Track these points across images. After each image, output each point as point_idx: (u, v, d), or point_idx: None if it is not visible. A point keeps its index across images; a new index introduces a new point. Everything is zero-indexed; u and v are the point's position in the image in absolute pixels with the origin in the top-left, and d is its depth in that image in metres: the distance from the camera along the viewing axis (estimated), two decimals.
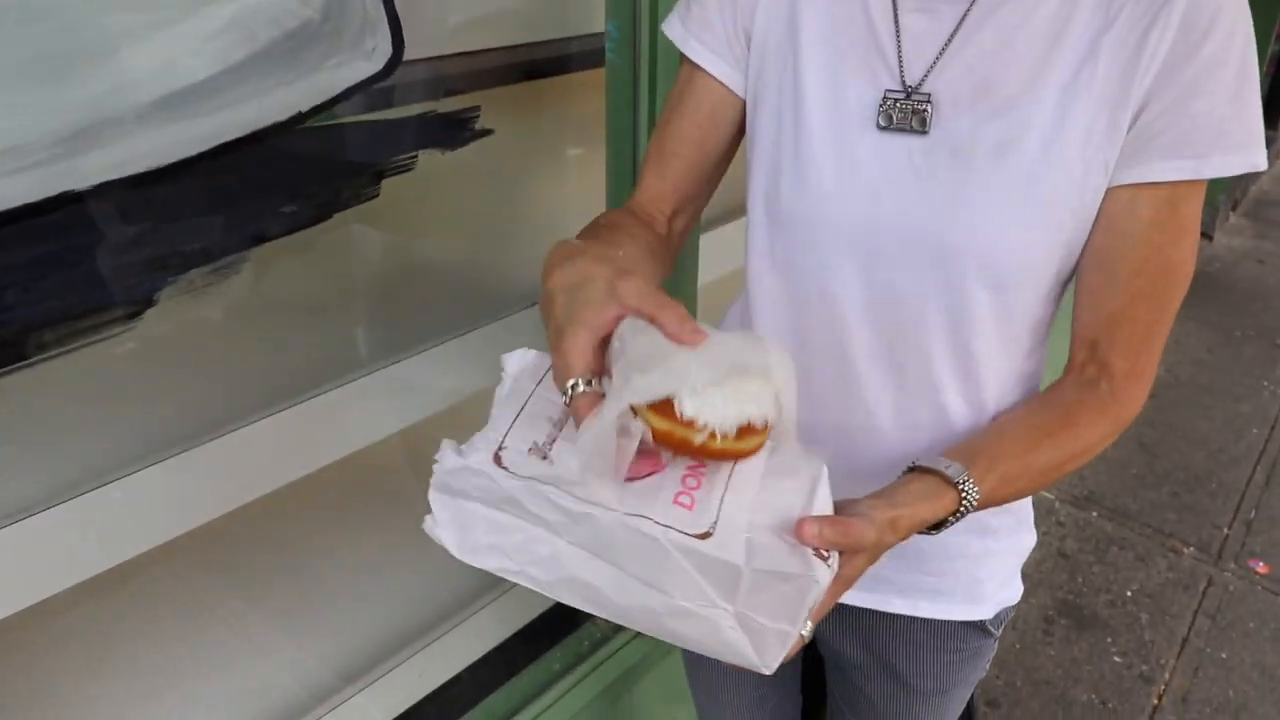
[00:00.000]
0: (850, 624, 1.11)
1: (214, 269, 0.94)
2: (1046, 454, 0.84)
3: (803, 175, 0.90)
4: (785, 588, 0.62)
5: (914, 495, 0.77)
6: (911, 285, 0.87)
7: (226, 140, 0.89)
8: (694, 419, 0.60)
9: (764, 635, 0.64)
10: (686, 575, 0.62)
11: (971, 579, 1.03)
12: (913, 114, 0.85)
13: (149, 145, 0.84)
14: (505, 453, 0.64)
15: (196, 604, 1.16)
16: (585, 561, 0.63)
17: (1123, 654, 2.46)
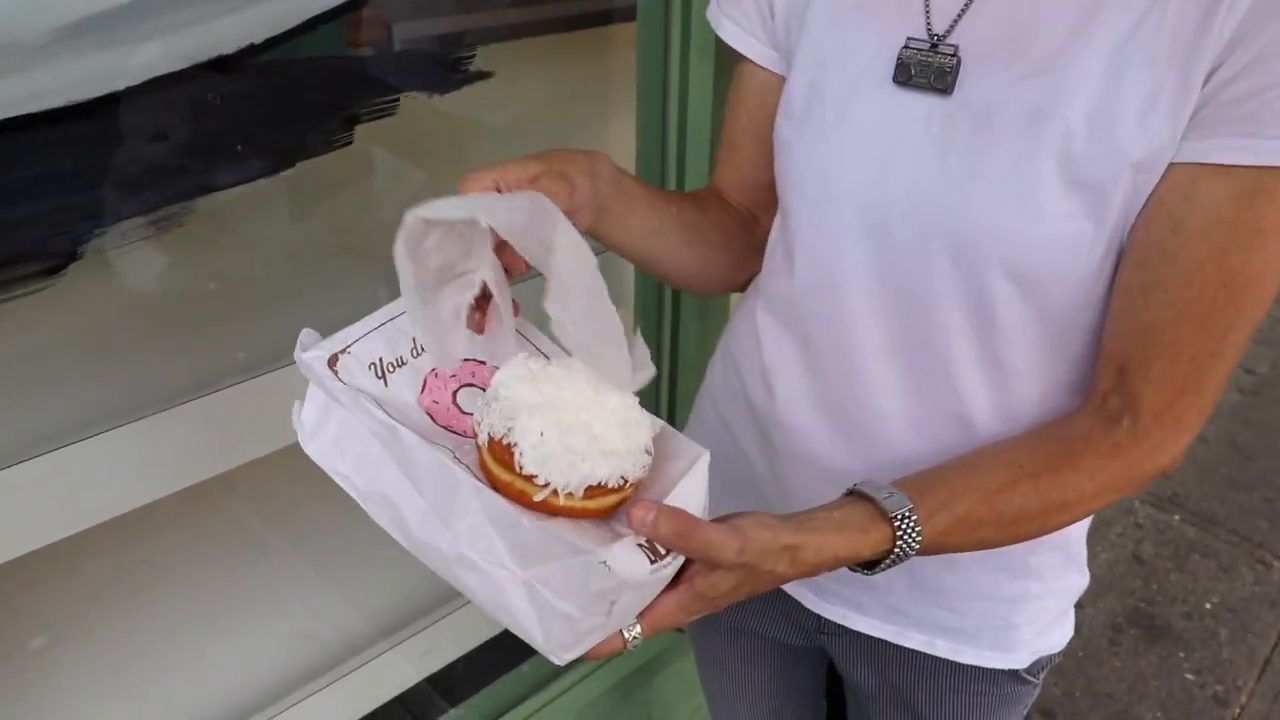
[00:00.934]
0: (863, 650, 0.98)
1: (151, 221, 0.83)
2: (1022, 498, 0.69)
3: (810, 142, 0.78)
4: (573, 563, 0.55)
5: (831, 524, 0.65)
6: (926, 275, 0.74)
7: (161, 74, 0.77)
8: (533, 474, 0.56)
9: (550, 615, 0.56)
10: (476, 519, 0.56)
11: (1002, 623, 0.89)
12: (935, 70, 0.71)
13: (62, 77, 0.73)
14: (346, 358, 0.62)
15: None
16: (395, 478, 0.59)
17: (1196, 671, 2.28)
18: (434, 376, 0.65)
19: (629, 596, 0.57)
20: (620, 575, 0.55)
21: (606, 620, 0.57)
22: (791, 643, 1.05)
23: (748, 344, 0.90)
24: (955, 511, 0.67)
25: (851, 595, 0.92)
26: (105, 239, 0.82)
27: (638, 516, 0.57)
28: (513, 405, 0.57)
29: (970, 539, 0.70)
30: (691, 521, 0.58)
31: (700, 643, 1.17)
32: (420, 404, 0.64)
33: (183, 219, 0.86)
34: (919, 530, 0.66)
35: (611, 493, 0.58)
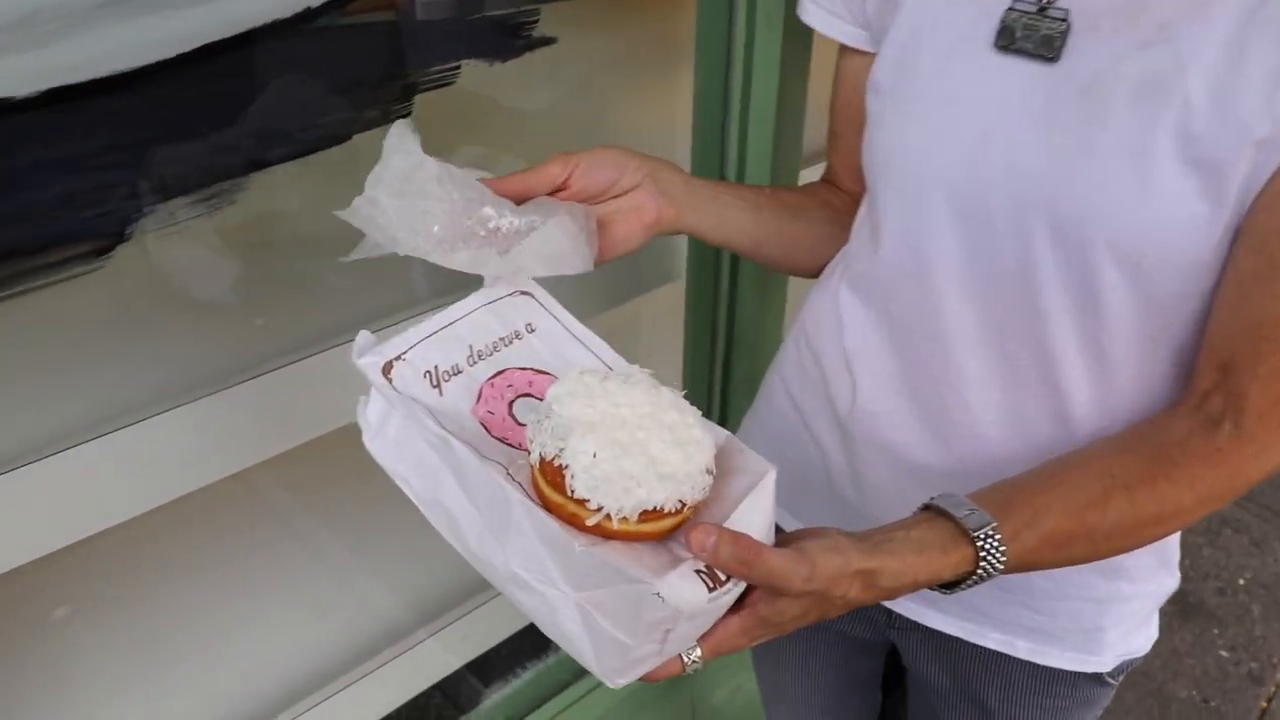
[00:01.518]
0: (935, 648, 0.94)
1: (201, 199, 0.78)
2: (1116, 513, 0.64)
3: (900, 111, 0.73)
4: (626, 591, 0.52)
5: (910, 545, 0.60)
6: (1024, 258, 0.69)
7: (213, 40, 0.72)
8: (585, 498, 0.53)
9: (603, 640, 0.54)
10: (528, 540, 0.55)
11: (1090, 624, 0.84)
12: (1042, 36, 0.66)
13: (109, 44, 0.67)
14: (401, 365, 0.61)
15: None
16: (453, 490, 0.58)
17: (1230, 648, 2.25)
18: (490, 386, 0.63)
19: (685, 626, 0.55)
20: (675, 606, 0.52)
21: (661, 648, 0.55)
22: (858, 635, 1.01)
23: (827, 325, 0.85)
24: (1042, 529, 0.63)
25: (926, 591, 0.88)
26: (153, 218, 0.77)
27: (697, 541, 0.53)
28: (566, 424, 0.54)
29: (1058, 556, 0.65)
30: (755, 548, 0.54)
31: None
32: (475, 414, 0.61)
33: (234, 196, 0.80)
34: (1003, 550, 0.61)
35: (668, 516, 0.55)
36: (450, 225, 0.63)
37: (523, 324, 0.66)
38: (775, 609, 0.58)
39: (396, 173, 0.63)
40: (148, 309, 0.84)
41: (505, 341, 0.65)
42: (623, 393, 0.56)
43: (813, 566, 0.56)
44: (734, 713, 1.63)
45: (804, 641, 1.07)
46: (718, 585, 0.54)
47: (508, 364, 0.64)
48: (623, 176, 0.76)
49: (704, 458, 0.55)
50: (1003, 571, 0.62)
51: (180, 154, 0.75)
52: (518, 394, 0.63)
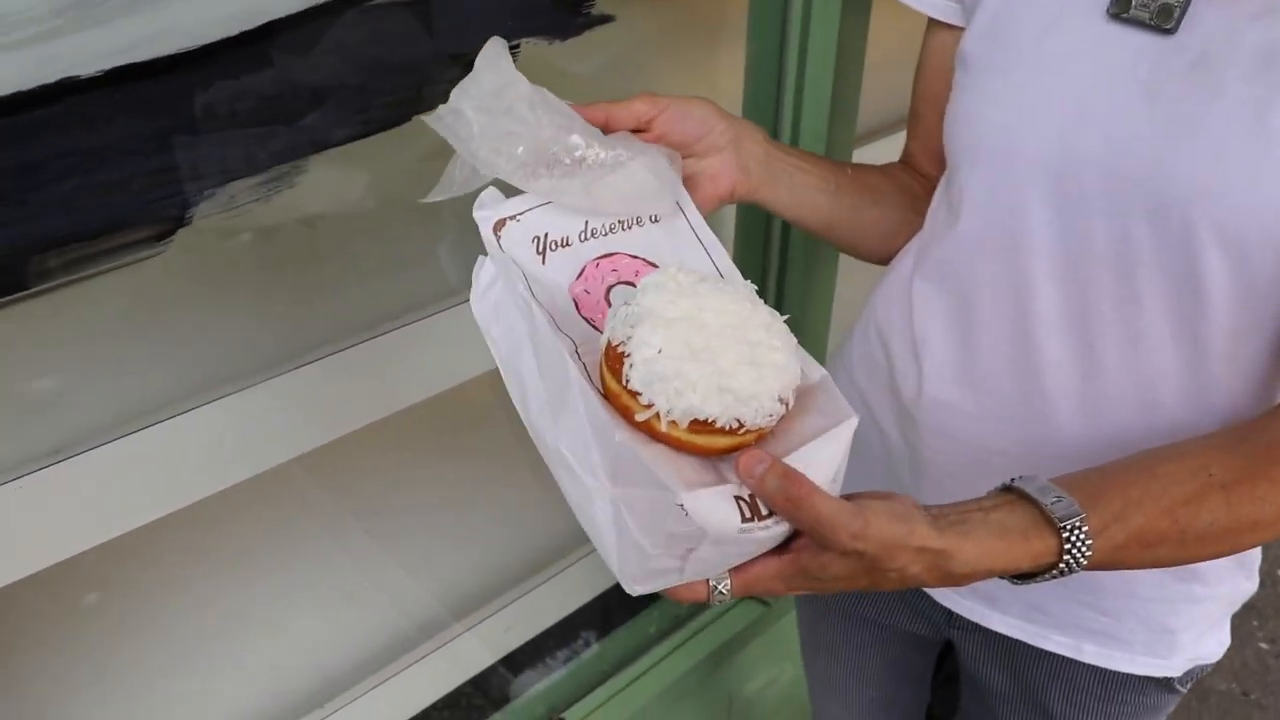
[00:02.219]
0: (996, 649, 0.93)
1: (262, 181, 0.77)
2: (1210, 513, 0.61)
3: (991, 80, 0.71)
4: (654, 496, 0.51)
5: (989, 528, 0.57)
6: (1118, 239, 0.67)
7: (274, 19, 0.70)
8: (638, 391, 0.52)
9: (627, 541, 0.53)
10: (578, 421, 0.53)
11: (1160, 627, 0.82)
12: (1160, 5, 0.64)
13: (172, 22, 0.66)
14: (513, 224, 0.60)
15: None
16: (528, 356, 0.58)
17: (1270, 640, 2.24)
18: (594, 266, 0.62)
19: (710, 549, 0.52)
20: (699, 523, 0.50)
21: (681, 565, 0.53)
22: (916, 631, 1.00)
23: (897, 313, 0.84)
24: (1131, 525, 0.59)
25: (987, 588, 0.86)
26: (213, 202, 0.76)
27: (745, 466, 0.52)
28: (641, 313, 0.53)
29: (1144, 557, 0.62)
30: (805, 486, 0.51)
31: (810, 626, 1.12)
32: (571, 290, 0.60)
33: (294, 179, 0.80)
34: (1089, 544, 0.58)
35: (722, 434, 0.52)
36: (535, 149, 0.61)
37: (651, 214, 0.64)
38: (819, 562, 0.55)
39: (486, 88, 0.61)
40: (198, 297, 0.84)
41: (624, 225, 0.63)
42: (713, 298, 0.53)
43: (865, 524, 0.53)
44: (770, 704, 1.63)
45: (859, 633, 1.05)
46: (756, 518, 0.52)
47: (620, 248, 0.63)
48: (708, 135, 0.72)
49: (778, 383, 0.53)
50: (1085, 568, 0.59)
51: (239, 135, 0.74)
52: (620, 280, 0.62)
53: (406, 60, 0.83)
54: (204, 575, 1.03)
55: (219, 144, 0.73)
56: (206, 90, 0.71)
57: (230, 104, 0.72)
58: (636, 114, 0.69)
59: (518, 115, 0.61)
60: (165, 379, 0.84)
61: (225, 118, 0.72)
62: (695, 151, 0.72)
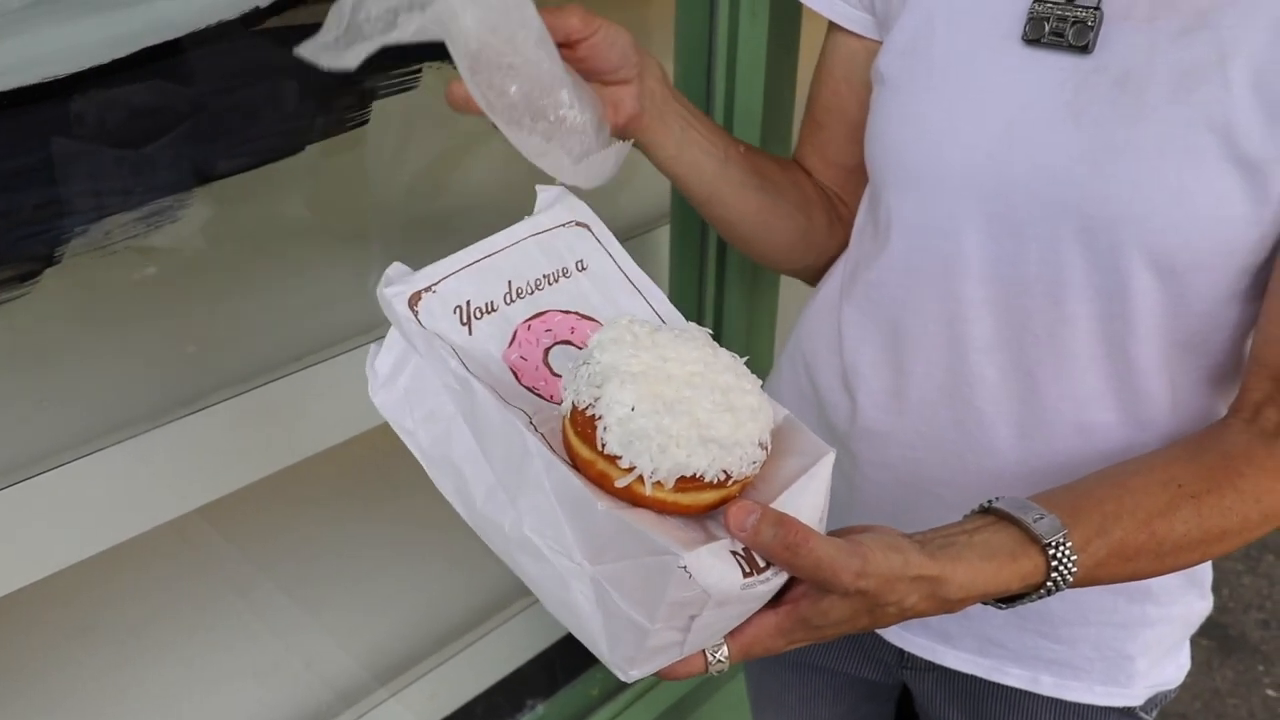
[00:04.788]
0: (952, 688, 0.95)
1: (140, 217, 0.79)
2: (1184, 524, 0.65)
3: (916, 104, 0.75)
4: (649, 564, 0.51)
5: (976, 550, 0.60)
6: (1051, 262, 0.71)
7: (153, 44, 0.73)
8: (617, 455, 0.52)
9: (619, 623, 0.52)
10: (544, 499, 0.53)
11: (1116, 653, 0.86)
12: (1072, 25, 0.68)
13: (40, 48, 0.69)
14: (430, 297, 0.60)
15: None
16: (466, 442, 0.57)
17: (1277, 686, 2.26)
18: (525, 328, 0.62)
19: (713, 614, 0.53)
20: (704, 585, 0.50)
21: (684, 638, 0.53)
22: (867, 678, 1.02)
23: (824, 342, 0.87)
24: (1112, 538, 0.63)
25: (939, 625, 0.89)
26: (86, 239, 0.78)
27: (736, 519, 0.52)
28: (604, 371, 0.53)
29: (1124, 570, 0.66)
30: (802, 532, 0.53)
31: (757, 679, 1.14)
32: (505, 359, 0.60)
33: (176, 214, 0.82)
34: (1074, 560, 0.61)
35: (709, 488, 0.53)
36: (527, 94, 0.61)
37: (573, 261, 0.64)
38: (819, 608, 0.56)
39: (494, 4, 0.59)
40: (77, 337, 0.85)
41: (550, 279, 0.63)
42: (674, 347, 0.54)
43: (865, 561, 0.54)
44: None
45: (808, 685, 1.07)
46: (755, 572, 0.52)
47: (550, 306, 0.63)
48: (624, 66, 0.74)
49: (756, 427, 0.54)
50: (1070, 585, 0.62)
51: (116, 168, 0.76)
52: (556, 340, 0.62)
53: (297, 88, 0.86)
54: (88, 648, 1.03)
55: (90, 177, 0.74)
56: (78, 119, 0.73)
57: (104, 134, 0.74)
58: (568, 30, 0.70)
59: (521, 50, 0.60)
60: (39, 429, 0.85)
61: (98, 149, 0.74)
62: (607, 80, 0.75)
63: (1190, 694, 2.25)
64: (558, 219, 0.65)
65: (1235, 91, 0.64)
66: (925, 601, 0.58)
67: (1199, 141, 0.65)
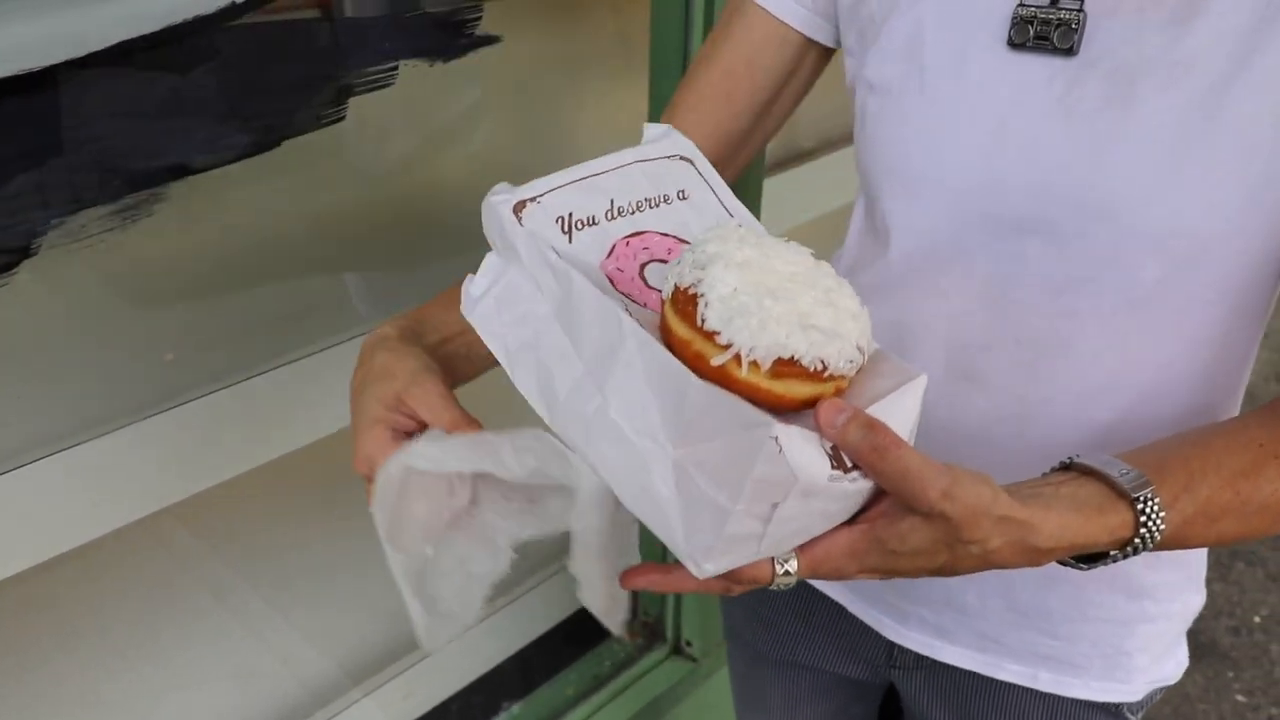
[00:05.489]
0: (943, 686, 0.95)
1: (116, 210, 0.79)
2: (1270, 484, 0.64)
3: (909, 110, 0.75)
4: (739, 440, 0.50)
5: (1064, 501, 0.59)
6: (1049, 257, 0.72)
7: (127, 39, 0.73)
8: (716, 331, 0.51)
9: (698, 506, 0.52)
10: (633, 379, 0.53)
11: (1114, 650, 0.86)
12: (1056, 26, 0.69)
13: (13, 40, 0.69)
14: (534, 206, 0.60)
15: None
16: (555, 340, 0.57)
17: (1247, 692, 2.29)
18: (624, 244, 0.61)
19: (797, 504, 0.51)
20: (792, 465, 0.49)
21: (763, 530, 0.52)
22: (852, 677, 1.02)
23: None
24: (1199, 496, 0.62)
25: (936, 620, 0.89)
26: (62, 231, 0.78)
27: (827, 415, 0.51)
28: (709, 257, 0.53)
29: (1210, 532, 0.64)
30: (891, 436, 0.52)
31: (742, 678, 1.14)
32: (603, 268, 0.60)
33: (152, 207, 0.82)
34: (1163, 515, 0.60)
35: (805, 378, 0.52)
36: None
37: (675, 190, 0.64)
38: (897, 530, 0.55)
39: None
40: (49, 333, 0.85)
41: (652, 203, 0.63)
42: (779, 248, 0.54)
43: (953, 481, 0.53)
44: None
45: (792, 684, 1.07)
46: (841, 469, 0.52)
47: (649, 227, 0.63)
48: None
49: (856, 328, 0.53)
50: (1158, 545, 0.61)
51: (92, 161, 0.76)
52: (653, 258, 0.62)
53: (273, 84, 0.86)
54: (63, 650, 1.02)
55: (66, 170, 0.75)
56: (54, 113, 0.74)
57: (80, 128, 0.75)
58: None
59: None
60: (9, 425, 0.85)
61: (74, 142, 0.75)
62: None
63: (1161, 699, 2.27)
64: (663, 151, 0.66)
65: (1226, 77, 0.65)
66: (1011, 548, 0.57)
67: (1193, 127, 0.65)
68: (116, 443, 0.87)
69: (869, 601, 0.93)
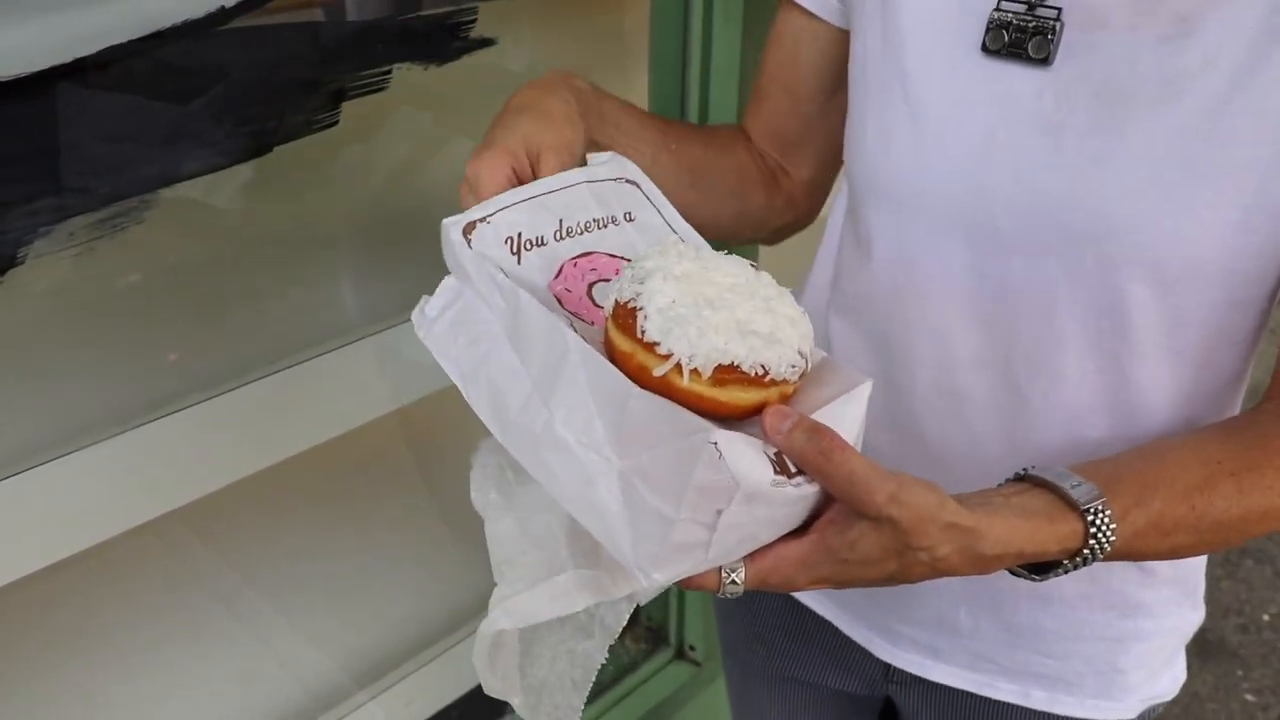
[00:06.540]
0: (941, 704, 0.94)
1: (104, 218, 0.78)
2: (1224, 500, 0.64)
3: (890, 117, 0.73)
4: (679, 448, 0.51)
5: (1013, 509, 0.59)
6: (1036, 277, 0.70)
7: (116, 43, 0.72)
8: (656, 341, 0.52)
9: (643, 516, 0.52)
10: (578, 393, 0.54)
11: (1108, 667, 0.85)
12: (1033, 34, 0.67)
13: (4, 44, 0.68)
14: (483, 226, 0.61)
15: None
16: (505, 359, 0.58)
17: (1256, 691, 2.28)
18: (572, 265, 0.63)
19: (741, 511, 0.52)
20: (734, 471, 0.50)
21: (709, 538, 0.52)
22: (849, 692, 1.01)
23: None
24: (1151, 510, 0.62)
25: (929, 640, 0.88)
26: (50, 240, 0.77)
27: (772, 421, 0.52)
28: (648, 270, 0.54)
29: (1163, 545, 0.65)
30: (837, 440, 0.52)
31: (739, 691, 1.13)
32: (551, 288, 0.61)
33: (141, 215, 0.81)
34: (1113, 528, 0.60)
35: (747, 383, 0.53)
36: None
37: (622, 212, 0.66)
38: (846, 538, 0.55)
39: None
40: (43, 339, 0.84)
41: (599, 224, 0.65)
42: (719, 262, 0.56)
43: (900, 486, 0.53)
44: None
45: (790, 698, 1.06)
46: (786, 475, 0.52)
47: (597, 247, 0.64)
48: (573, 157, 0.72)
49: (796, 334, 0.54)
50: (1108, 555, 0.61)
51: (80, 167, 0.76)
52: (600, 277, 0.63)
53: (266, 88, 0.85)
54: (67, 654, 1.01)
55: (53, 177, 0.74)
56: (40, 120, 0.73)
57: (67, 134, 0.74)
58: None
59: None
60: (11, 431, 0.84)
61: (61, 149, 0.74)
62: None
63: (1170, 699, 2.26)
64: (611, 173, 0.67)
65: (1220, 97, 0.63)
66: (958, 555, 0.57)
67: (1186, 149, 0.64)
68: (117, 448, 0.87)
69: (860, 620, 0.92)
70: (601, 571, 0.58)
